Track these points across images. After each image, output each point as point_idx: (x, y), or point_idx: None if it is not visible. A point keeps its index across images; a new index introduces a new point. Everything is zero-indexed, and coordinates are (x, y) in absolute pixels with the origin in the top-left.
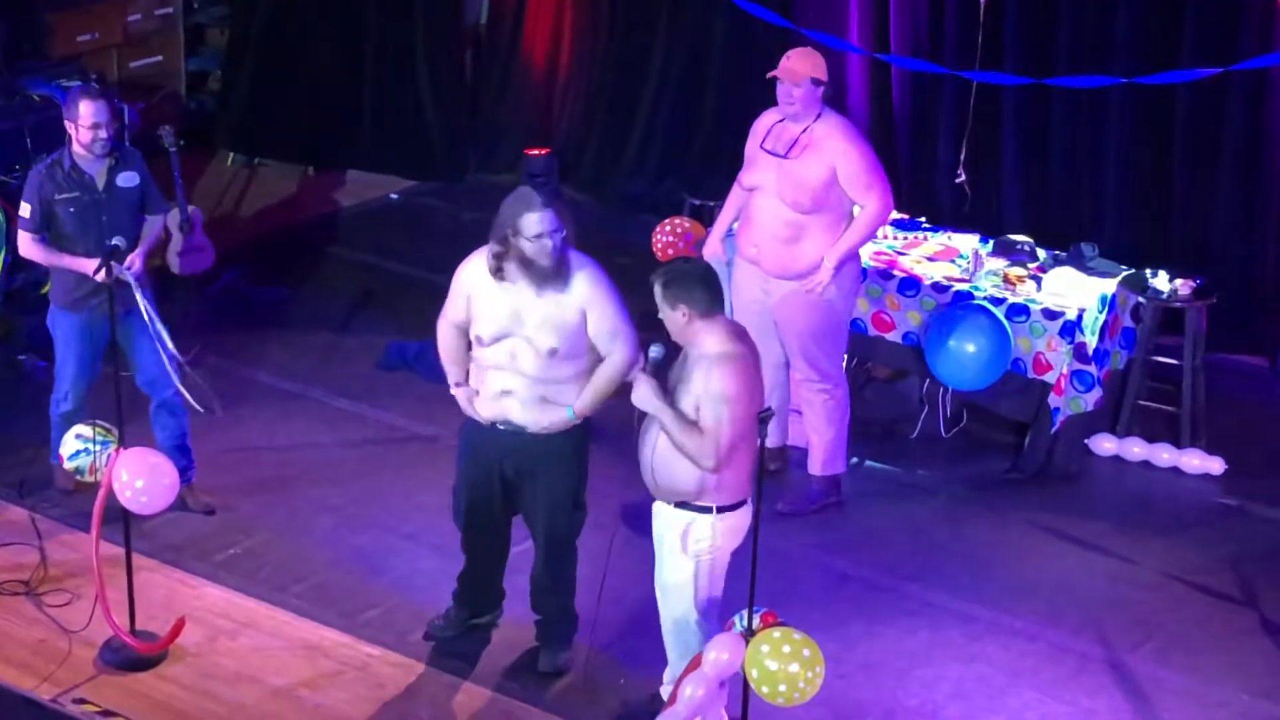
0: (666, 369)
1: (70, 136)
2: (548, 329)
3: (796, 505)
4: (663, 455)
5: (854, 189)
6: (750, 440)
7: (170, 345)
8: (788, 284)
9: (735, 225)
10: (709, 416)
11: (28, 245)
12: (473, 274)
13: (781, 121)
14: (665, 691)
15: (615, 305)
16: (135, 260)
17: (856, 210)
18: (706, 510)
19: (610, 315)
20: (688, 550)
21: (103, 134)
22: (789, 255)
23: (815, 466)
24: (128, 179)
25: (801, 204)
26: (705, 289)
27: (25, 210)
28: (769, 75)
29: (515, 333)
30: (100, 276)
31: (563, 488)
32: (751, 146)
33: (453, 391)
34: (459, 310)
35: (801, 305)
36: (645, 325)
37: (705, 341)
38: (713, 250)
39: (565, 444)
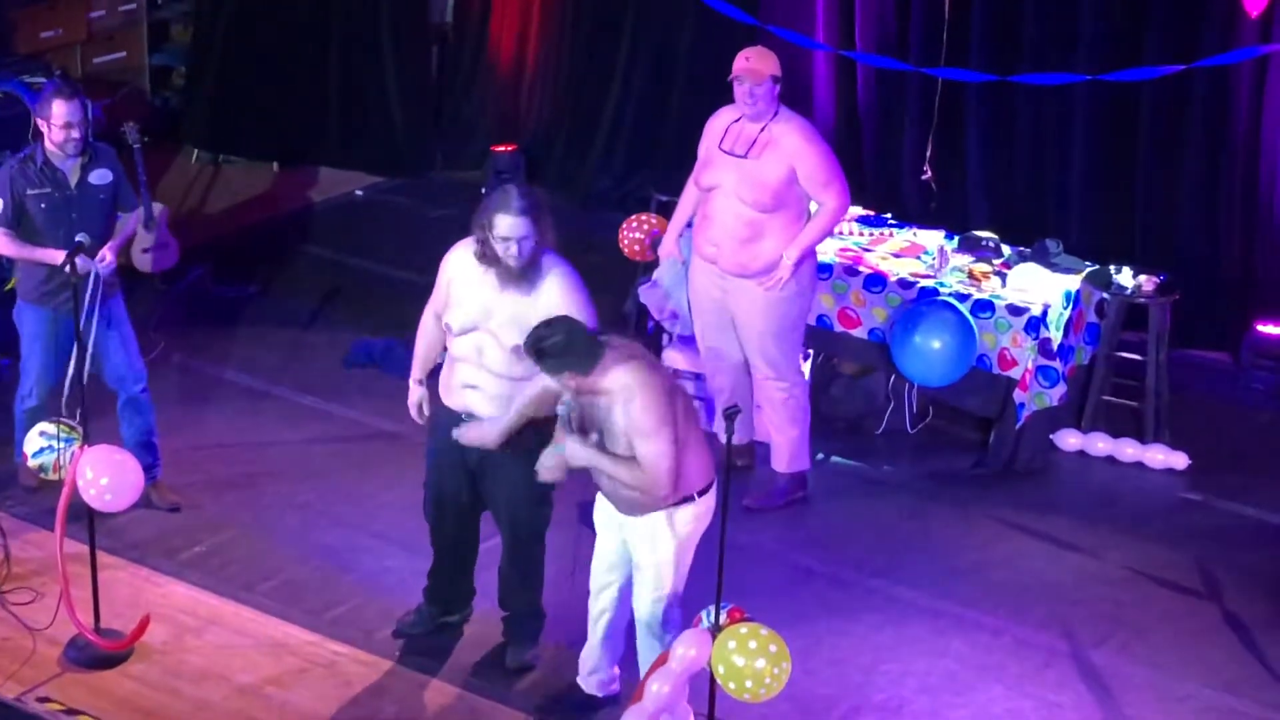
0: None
1: (43, 133)
2: (513, 327)
3: (763, 501)
4: (628, 478)
5: (813, 187)
6: (695, 427)
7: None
8: (746, 282)
9: (691, 224)
10: (646, 452)
11: (5, 243)
12: (456, 262)
13: (738, 121)
14: (588, 683)
15: (584, 312)
16: (107, 254)
17: (814, 208)
18: (689, 500)
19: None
20: (675, 535)
21: (75, 134)
22: (748, 254)
23: (780, 464)
24: (100, 176)
25: (762, 203)
26: (578, 353)
27: None
28: (730, 77)
29: (482, 326)
30: (67, 269)
31: (527, 482)
32: (707, 146)
33: (410, 384)
34: (440, 298)
35: (760, 303)
36: (614, 326)
37: (599, 386)
38: (668, 250)
39: (530, 438)
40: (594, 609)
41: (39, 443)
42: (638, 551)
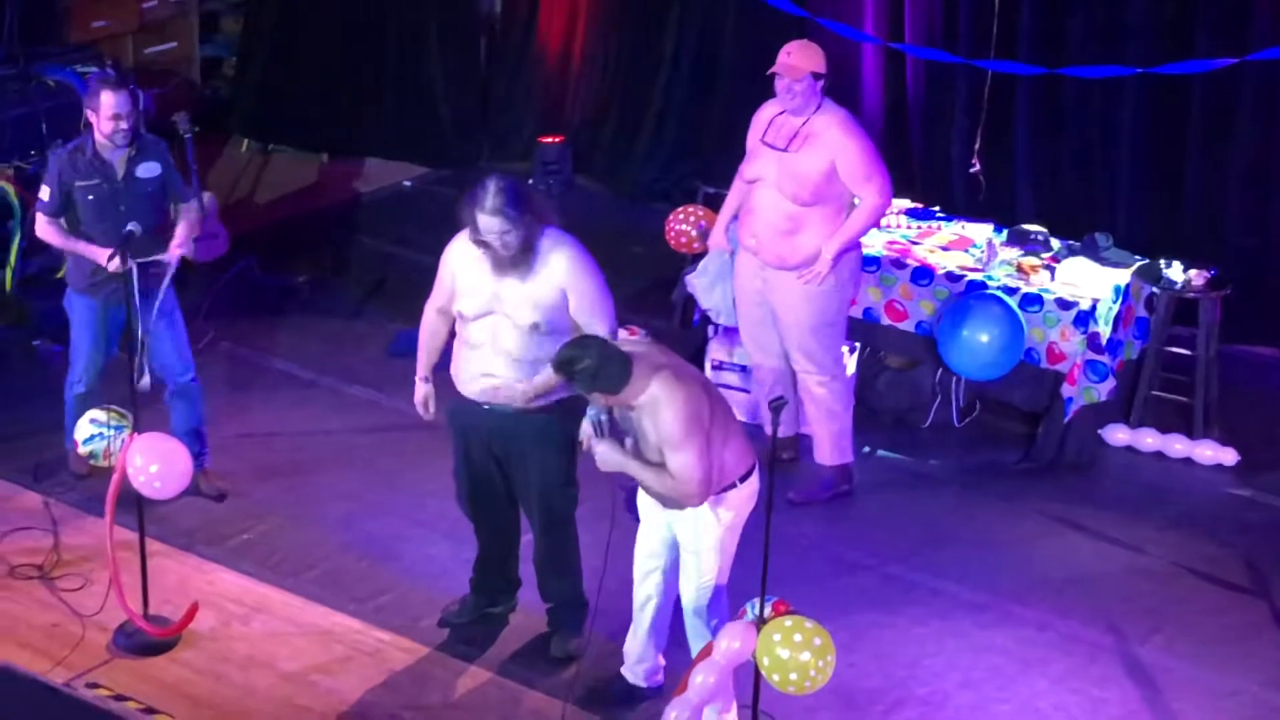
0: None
1: (92, 124)
2: (527, 305)
3: (807, 494)
4: (666, 480)
5: (853, 181)
6: (728, 421)
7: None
8: (786, 275)
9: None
10: (674, 461)
11: (44, 228)
12: (457, 253)
13: (781, 114)
14: (633, 673)
15: (595, 284)
16: (175, 251)
17: (856, 202)
18: (732, 486)
19: (590, 295)
20: (719, 520)
21: (124, 125)
22: (788, 247)
23: (823, 457)
24: (148, 169)
25: (801, 196)
26: (608, 375)
27: (45, 193)
28: (769, 72)
29: (496, 309)
30: (114, 265)
31: (552, 465)
32: (752, 139)
33: (416, 382)
34: (442, 293)
35: (799, 296)
36: (636, 305)
37: (630, 398)
38: (716, 242)
39: (550, 421)
40: (638, 596)
41: (89, 430)
42: (683, 536)
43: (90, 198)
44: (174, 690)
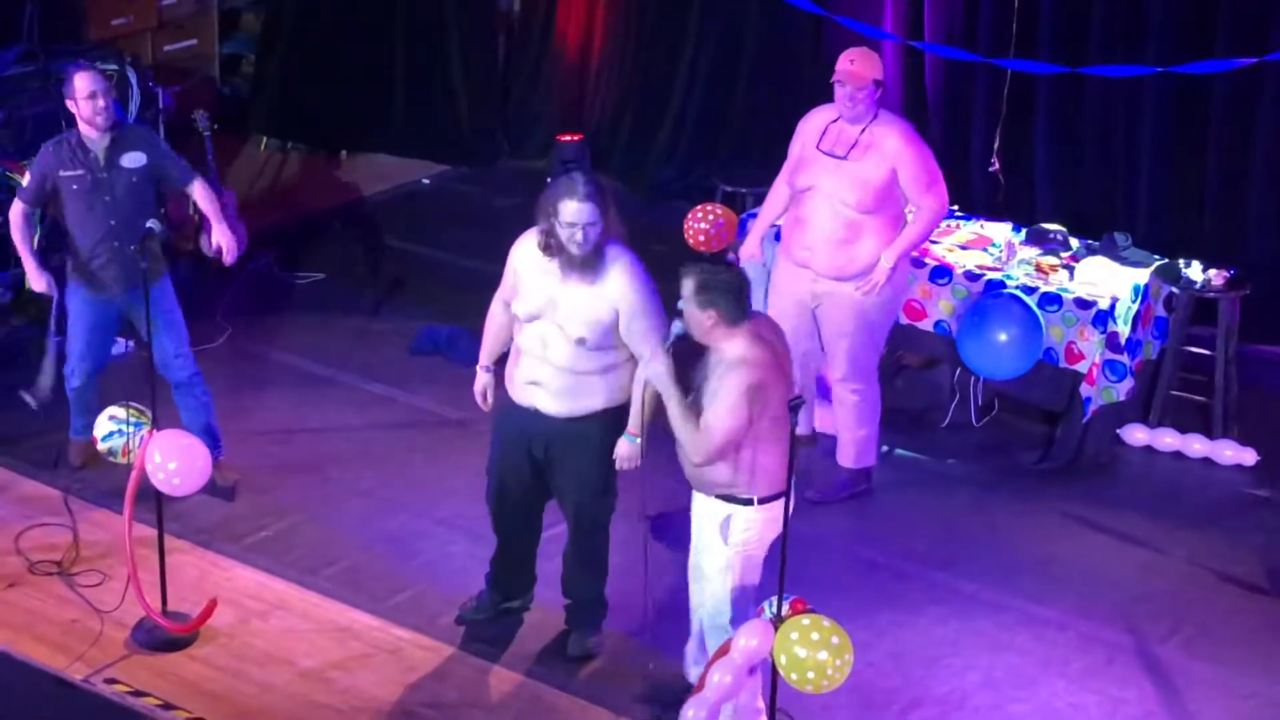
0: (684, 348)
1: (75, 116)
2: (577, 319)
3: (826, 493)
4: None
5: (914, 189)
6: (781, 434)
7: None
8: (841, 285)
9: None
10: (710, 416)
11: (15, 215)
12: (522, 252)
13: (836, 121)
14: (692, 674)
15: (649, 305)
16: (221, 242)
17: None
18: (747, 502)
19: (642, 315)
20: (728, 541)
21: (100, 102)
22: (845, 256)
23: (846, 459)
24: (133, 159)
25: (865, 204)
26: (736, 300)
27: (25, 179)
28: (832, 79)
29: (548, 316)
30: (39, 287)
31: (592, 472)
32: (805, 148)
33: (477, 370)
34: (507, 286)
35: (852, 307)
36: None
37: (726, 346)
38: (750, 252)
39: (593, 428)
40: (693, 599)
41: (108, 427)
42: (696, 550)
43: (74, 187)
44: (192, 687)
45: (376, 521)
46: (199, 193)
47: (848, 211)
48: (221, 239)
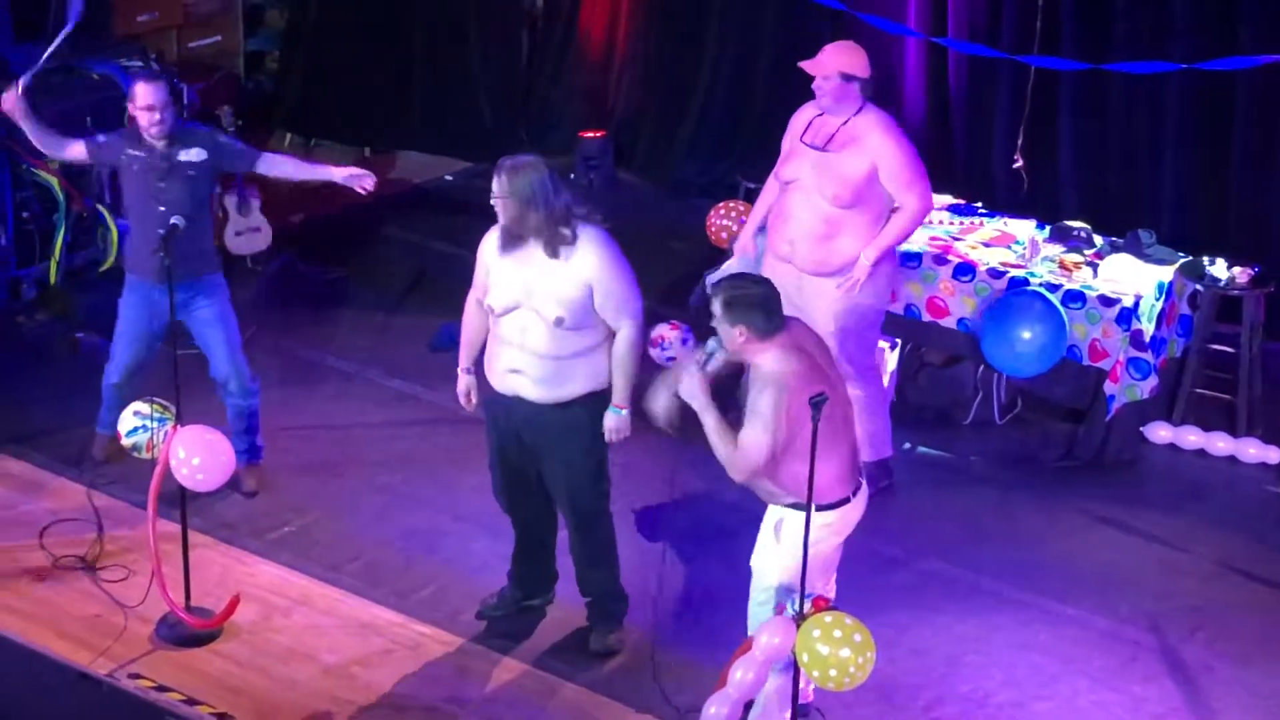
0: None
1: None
2: (552, 299)
3: None
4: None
5: (894, 186)
6: (834, 445)
7: None
8: (822, 281)
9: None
10: (746, 434)
11: (74, 146)
12: (489, 247)
13: (821, 115)
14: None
15: (621, 278)
16: (347, 178)
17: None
18: (805, 507)
19: (615, 288)
20: (780, 543)
21: (156, 116)
22: (825, 251)
23: (862, 454)
24: (192, 154)
25: (841, 198)
26: (765, 313)
27: (98, 138)
28: (799, 64)
29: (524, 304)
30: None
31: (579, 460)
32: (791, 140)
33: (458, 373)
34: (480, 284)
35: (834, 304)
36: (679, 300)
37: (761, 361)
38: (743, 247)
39: (581, 415)
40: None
41: (133, 422)
42: (755, 550)
43: (134, 168)
44: (215, 682)
45: (398, 518)
46: (273, 164)
47: (826, 206)
48: (344, 175)
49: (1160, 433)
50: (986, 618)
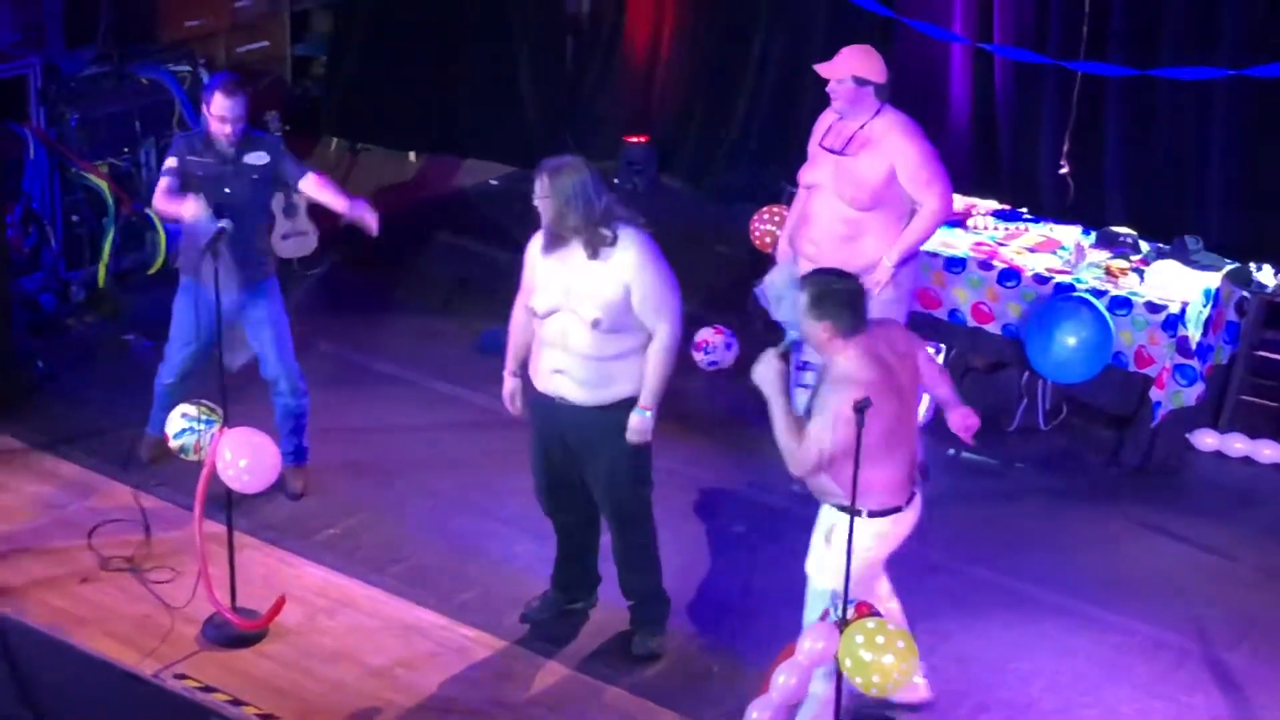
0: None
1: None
2: (591, 300)
3: None
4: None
5: (914, 186)
6: (894, 453)
7: None
8: None
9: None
10: (814, 427)
11: (159, 194)
12: (534, 249)
13: (841, 119)
14: (816, 685)
15: (659, 279)
16: (359, 214)
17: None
18: (856, 513)
19: (653, 289)
20: (831, 547)
21: (228, 129)
22: (847, 253)
23: None
24: (256, 158)
25: (860, 201)
26: (851, 310)
27: (169, 163)
28: (815, 66)
29: (564, 306)
30: (189, 211)
31: (623, 462)
32: (812, 144)
33: (505, 376)
34: (527, 289)
35: None
36: (721, 305)
37: (839, 360)
38: (783, 251)
39: (622, 417)
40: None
41: (180, 424)
42: (809, 555)
43: (199, 173)
44: (261, 683)
45: (443, 520)
46: (314, 184)
47: (846, 209)
48: (349, 212)
49: (1206, 440)
50: (1030, 624)
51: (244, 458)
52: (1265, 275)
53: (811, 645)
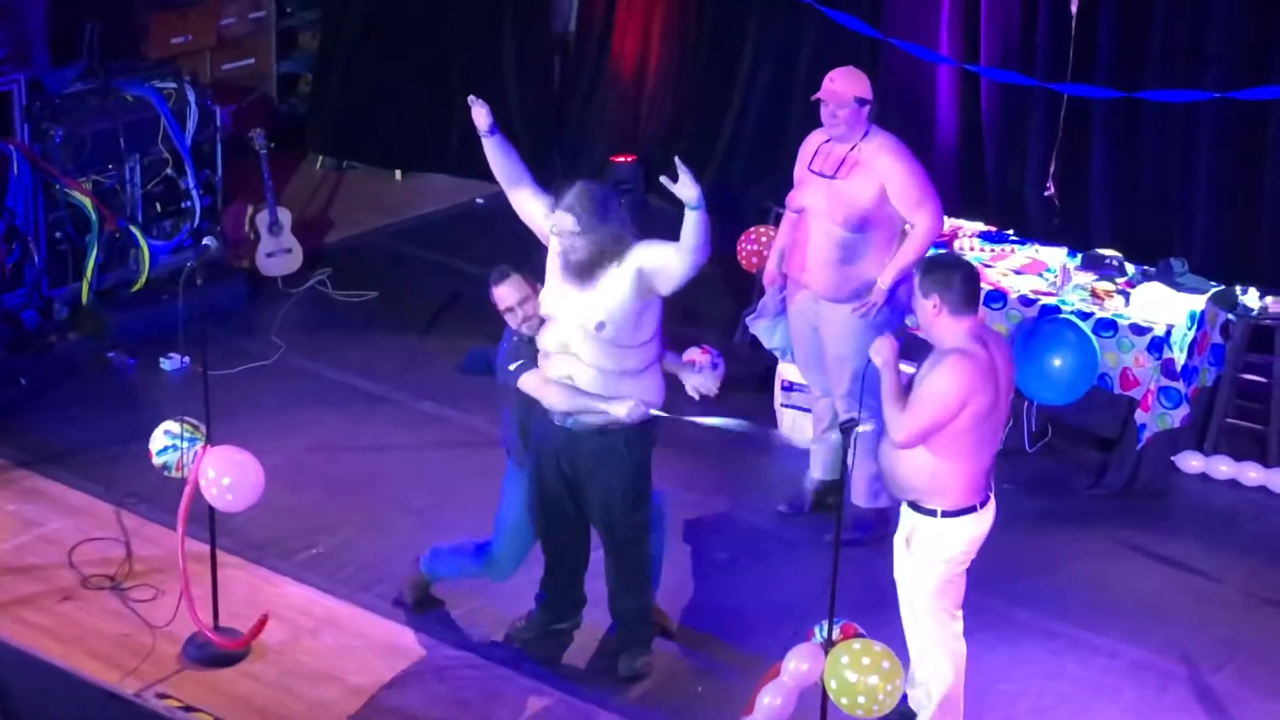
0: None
1: None
2: (595, 309)
3: (846, 534)
4: (893, 452)
5: (905, 206)
6: (980, 447)
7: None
8: (839, 307)
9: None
10: (916, 394)
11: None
12: (551, 253)
13: (828, 142)
14: (909, 696)
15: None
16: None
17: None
18: (931, 513)
19: (665, 266)
20: (912, 552)
21: (517, 314)
22: (841, 276)
23: (858, 498)
24: None
25: (852, 222)
26: (964, 286)
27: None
28: (813, 98)
29: (566, 315)
30: None
31: (617, 488)
32: (799, 168)
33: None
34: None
35: (849, 329)
36: (707, 324)
37: (945, 337)
38: (771, 278)
39: (618, 441)
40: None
41: (163, 441)
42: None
43: None
44: (243, 702)
45: (427, 540)
46: None
47: (839, 231)
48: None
49: (1191, 462)
50: (1015, 646)
51: (227, 476)
52: (1250, 298)
53: (796, 666)
